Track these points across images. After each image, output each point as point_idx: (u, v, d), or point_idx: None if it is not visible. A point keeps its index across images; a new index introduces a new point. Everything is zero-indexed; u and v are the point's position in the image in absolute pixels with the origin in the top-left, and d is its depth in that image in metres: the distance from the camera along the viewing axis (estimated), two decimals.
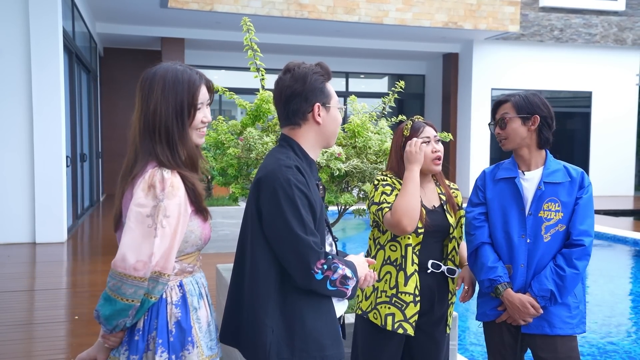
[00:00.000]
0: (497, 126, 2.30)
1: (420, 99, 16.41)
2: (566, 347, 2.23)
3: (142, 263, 1.49)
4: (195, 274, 1.69)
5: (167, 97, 1.60)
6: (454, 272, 2.29)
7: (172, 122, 1.59)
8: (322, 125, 1.76)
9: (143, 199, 1.51)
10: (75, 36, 8.95)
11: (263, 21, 11.26)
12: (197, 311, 1.64)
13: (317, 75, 1.75)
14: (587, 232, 2.22)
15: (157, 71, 1.63)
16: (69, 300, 4.96)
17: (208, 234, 1.68)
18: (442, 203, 2.32)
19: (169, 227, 1.52)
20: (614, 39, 14.52)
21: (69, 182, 8.03)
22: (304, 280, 1.62)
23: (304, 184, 1.65)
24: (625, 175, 15.04)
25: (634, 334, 4.83)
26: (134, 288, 1.49)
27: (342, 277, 1.66)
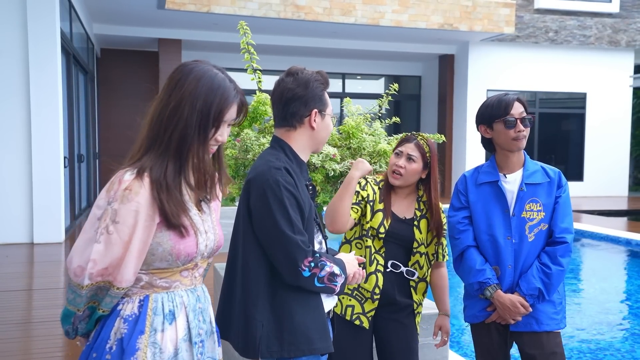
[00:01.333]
0: (520, 123, 2.26)
1: (416, 100, 16.48)
2: (552, 342, 2.28)
3: (81, 269, 1.35)
4: (175, 290, 1.46)
5: (194, 100, 1.43)
6: (413, 274, 2.34)
7: (192, 130, 1.42)
8: (316, 131, 1.84)
9: (101, 200, 1.38)
10: (73, 37, 8.99)
11: (260, 22, 11.31)
12: (157, 334, 1.41)
13: (318, 83, 1.83)
14: (568, 229, 2.29)
15: (194, 69, 1.47)
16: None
17: (185, 250, 1.43)
18: (413, 217, 2.36)
19: (117, 234, 1.34)
20: (608, 41, 14.62)
21: (66, 182, 8.07)
22: (291, 277, 1.70)
23: (292, 185, 1.72)
24: (619, 175, 15.13)
25: (625, 331, 4.90)
26: (74, 295, 1.38)
27: (330, 274, 1.73)
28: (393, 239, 2.33)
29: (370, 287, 2.30)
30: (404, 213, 2.37)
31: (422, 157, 2.32)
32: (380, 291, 2.31)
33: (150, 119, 1.46)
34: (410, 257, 2.36)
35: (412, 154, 2.31)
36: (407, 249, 2.35)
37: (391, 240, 2.33)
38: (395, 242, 2.34)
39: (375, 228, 2.31)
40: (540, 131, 14.73)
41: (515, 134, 2.26)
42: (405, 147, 2.33)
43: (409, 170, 2.30)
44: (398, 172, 2.31)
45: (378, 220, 2.31)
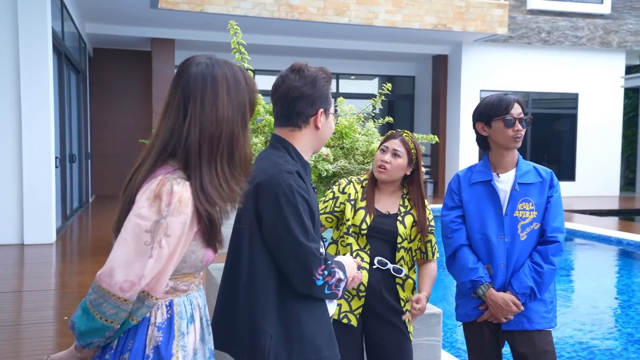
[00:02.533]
0: (519, 123, 2.30)
1: (410, 100, 16.51)
2: (543, 341, 2.30)
3: (130, 284, 1.29)
4: (191, 292, 1.48)
5: (233, 101, 1.40)
6: (401, 272, 2.32)
7: (239, 130, 1.41)
8: (320, 131, 1.76)
9: (146, 211, 1.30)
10: (65, 36, 8.93)
11: (253, 22, 11.29)
12: (185, 337, 1.43)
13: (324, 81, 1.75)
14: (559, 228, 2.31)
15: (215, 70, 1.40)
16: (58, 301, 4.96)
17: (211, 256, 1.47)
18: (397, 212, 2.36)
19: (168, 247, 1.31)
20: (599, 42, 14.70)
21: (57, 183, 8.01)
22: (304, 286, 1.64)
23: (305, 190, 1.65)
24: (611, 175, 15.22)
25: (616, 330, 4.92)
26: (116, 309, 1.30)
27: (337, 280, 1.69)
28: (377, 234, 2.33)
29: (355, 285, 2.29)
30: (387, 208, 2.38)
31: (407, 153, 2.34)
32: (365, 288, 2.30)
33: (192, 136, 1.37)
34: (395, 254, 2.35)
35: (398, 150, 2.33)
36: (393, 245, 2.35)
37: (375, 236, 2.33)
38: (380, 238, 2.34)
39: (358, 225, 2.32)
40: (533, 131, 14.79)
41: (514, 133, 2.29)
42: (390, 143, 2.35)
43: (394, 165, 2.32)
44: (383, 166, 2.33)
45: (360, 217, 2.33)
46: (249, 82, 1.46)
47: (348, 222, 2.34)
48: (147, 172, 1.38)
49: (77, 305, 4.30)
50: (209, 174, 1.37)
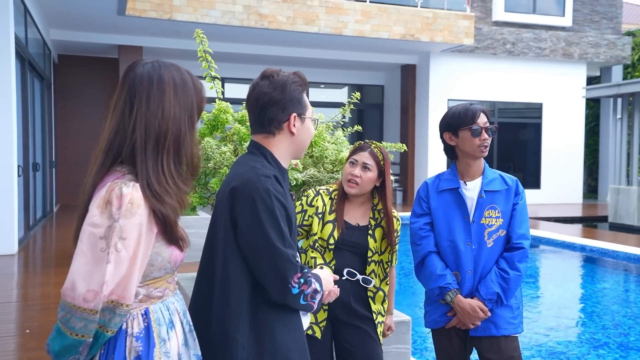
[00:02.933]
0: (485, 132, 2.33)
1: (379, 109, 16.67)
2: (509, 346, 2.34)
3: (93, 293, 1.27)
4: (167, 298, 1.46)
5: (180, 100, 1.42)
6: (370, 282, 2.32)
7: (185, 128, 1.42)
8: (296, 136, 1.73)
9: (97, 218, 1.30)
10: (28, 43, 8.73)
11: (223, 30, 11.25)
12: (166, 343, 1.41)
13: (295, 85, 1.73)
14: (525, 235, 2.36)
15: (161, 71, 1.42)
16: (20, 314, 4.81)
17: (180, 256, 1.46)
18: (368, 225, 2.35)
19: (126, 250, 1.30)
20: (562, 53, 15.14)
21: (20, 192, 7.79)
22: (279, 294, 1.59)
23: (283, 195, 1.62)
24: (574, 183, 15.63)
25: (581, 336, 5.03)
26: (84, 322, 1.29)
27: (314, 291, 1.64)
28: (346, 247, 2.32)
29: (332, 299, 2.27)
30: (357, 220, 2.36)
31: (376, 165, 2.31)
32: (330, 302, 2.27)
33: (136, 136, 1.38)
34: (365, 267, 2.34)
35: (368, 163, 2.30)
36: (363, 257, 2.34)
37: (345, 248, 2.32)
38: (349, 250, 2.32)
39: (325, 239, 2.29)
40: (499, 140, 15.09)
41: (480, 142, 2.33)
42: (359, 156, 2.33)
43: (364, 179, 2.30)
44: (354, 181, 2.30)
45: (328, 231, 2.30)
46: (196, 85, 1.48)
47: (315, 235, 2.31)
48: (96, 177, 1.39)
49: (40, 317, 4.16)
50: (155, 172, 1.37)
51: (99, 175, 1.39)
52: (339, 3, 11.94)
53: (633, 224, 11.27)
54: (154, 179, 1.36)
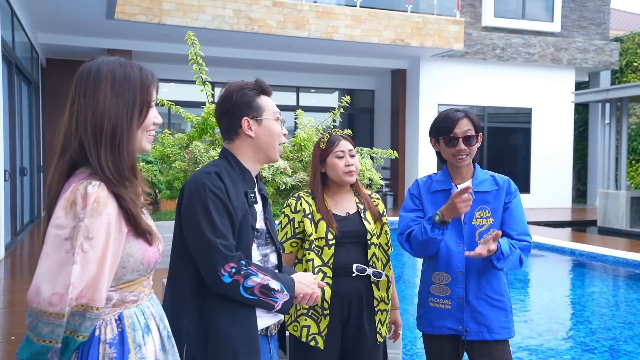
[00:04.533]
0: (461, 142, 2.29)
1: (369, 113, 16.70)
2: (500, 350, 2.32)
3: (59, 296, 1.23)
4: (142, 302, 1.44)
5: (119, 93, 1.38)
6: (380, 275, 2.31)
7: (122, 122, 1.37)
8: (255, 138, 1.84)
9: (62, 219, 1.26)
10: (15, 46, 8.65)
11: (213, 35, 11.22)
12: (142, 348, 1.38)
13: (245, 91, 1.84)
14: (526, 232, 2.35)
15: (101, 65, 1.41)
16: (6, 320, 4.74)
17: (153, 257, 1.42)
18: (358, 210, 2.37)
19: (93, 251, 1.26)
20: (551, 59, 15.26)
21: (7, 197, 7.70)
22: (211, 281, 1.67)
23: (221, 189, 1.72)
24: (563, 188, 15.73)
25: (570, 339, 5.04)
26: (51, 326, 1.24)
27: (263, 286, 1.68)
28: (346, 239, 2.30)
29: (318, 302, 2.22)
30: (346, 210, 2.36)
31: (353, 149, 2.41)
32: (329, 305, 2.25)
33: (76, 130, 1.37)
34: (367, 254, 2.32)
35: (351, 149, 2.37)
36: (363, 245, 2.32)
37: (345, 242, 2.29)
38: (349, 242, 2.30)
39: (323, 237, 2.27)
40: (489, 145, 15.17)
41: (456, 152, 2.30)
42: (341, 146, 2.35)
43: (357, 164, 2.37)
44: (352, 171, 2.33)
45: (323, 229, 2.28)
46: (144, 79, 1.43)
47: (311, 236, 2.28)
48: (54, 178, 1.37)
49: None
50: (99, 165, 1.34)
51: (58, 176, 1.36)
52: (329, 8, 11.96)
53: (622, 228, 11.35)
54: (107, 171, 1.33)
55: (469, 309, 2.30)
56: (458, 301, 2.32)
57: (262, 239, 1.87)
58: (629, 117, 14.48)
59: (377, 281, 2.32)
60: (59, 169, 1.37)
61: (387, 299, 2.37)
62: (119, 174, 1.34)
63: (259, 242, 1.86)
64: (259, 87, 1.87)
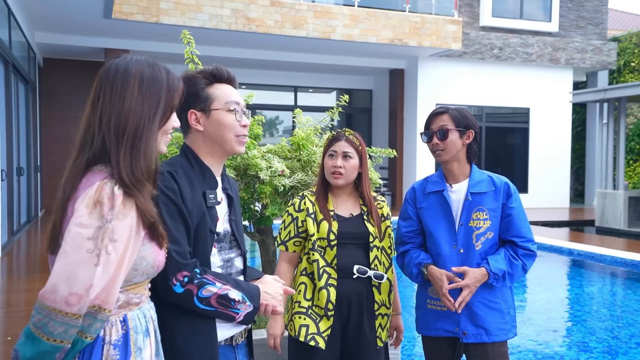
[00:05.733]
0: (434, 136, 2.33)
1: (367, 113, 16.68)
2: (496, 352, 2.30)
3: (77, 297, 1.20)
4: (143, 305, 1.43)
5: (145, 94, 1.36)
6: (382, 277, 2.28)
7: (145, 124, 1.35)
8: (205, 132, 1.69)
9: (86, 218, 1.23)
10: (12, 46, 8.61)
11: (211, 34, 11.20)
12: (142, 352, 1.37)
13: (195, 80, 1.70)
14: (531, 239, 2.33)
15: (129, 64, 1.38)
16: (3, 321, 4.71)
17: (162, 260, 1.42)
18: (361, 212, 2.33)
19: (115, 253, 1.24)
20: (548, 59, 15.26)
21: (3, 196, 7.67)
22: (162, 290, 1.55)
23: (173, 191, 1.58)
24: (561, 188, 15.74)
25: (569, 339, 5.04)
26: (65, 326, 1.21)
27: (220, 297, 1.56)
28: (348, 240, 2.27)
29: (323, 304, 2.20)
30: (349, 211, 2.33)
31: (356, 151, 2.32)
32: (334, 307, 2.21)
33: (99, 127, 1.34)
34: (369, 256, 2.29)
35: (347, 151, 2.29)
36: (365, 247, 2.30)
37: (347, 243, 2.26)
38: (351, 243, 2.27)
39: (325, 237, 2.24)
40: (487, 144, 15.17)
41: (431, 147, 2.35)
42: (337, 146, 2.30)
43: (348, 167, 2.28)
44: (338, 172, 2.27)
45: (325, 229, 2.25)
46: (171, 83, 1.41)
47: (313, 237, 2.26)
48: (72, 174, 1.34)
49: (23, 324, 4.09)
50: (118, 166, 1.31)
51: (76, 173, 1.34)
52: (327, 7, 11.94)
53: (619, 228, 11.36)
54: (124, 173, 1.30)
55: (465, 310, 2.28)
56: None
57: (225, 242, 1.74)
58: (626, 116, 14.48)
59: (379, 284, 2.29)
60: (76, 165, 1.34)
61: (389, 304, 2.34)
62: (134, 176, 1.31)
63: (222, 245, 1.73)
64: (211, 74, 1.71)
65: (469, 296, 2.21)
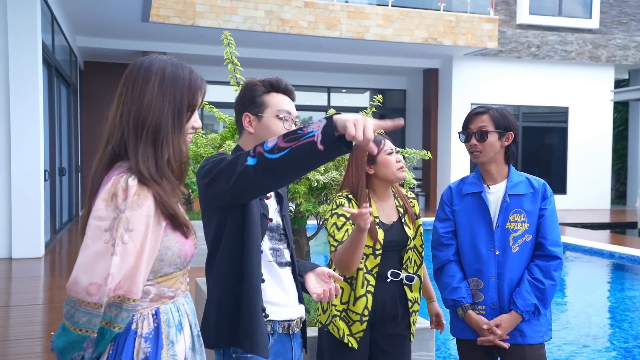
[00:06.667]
0: (473, 137, 2.29)
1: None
2: (534, 355, 2.26)
3: (97, 286, 1.24)
4: (178, 299, 1.44)
5: (166, 91, 1.37)
6: (413, 279, 2.30)
7: (167, 121, 1.37)
8: (255, 134, 1.84)
9: (103, 211, 1.28)
10: (55, 50, 8.90)
11: (245, 36, 11.32)
12: (174, 345, 1.38)
13: (254, 87, 1.86)
14: (558, 242, 2.28)
15: (153, 62, 1.40)
16: (46, 316, 4.88)
17: (189, 250, 1.43)
18: (400, 216, 2.32)
19: (132, 242, 1.27)
20: (588, 56, 14.87)
21: (47, 196, 7.93)
22: (239, 178, 1.53)
23: None
24: (601, 189, 15.31)
25: (610, 345, 4.90)
26: (88, 316, 1.25)
27: (284, 135, 1.43)
28: (389, 248, 2.27)
29: (360, 310, 2.22)
30: (389, 218, 2.32)
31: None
32: (369, 312, 2.24)
33: (120, 123, 1.38)
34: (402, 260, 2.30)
35: (394, 149, 2.33)
36: (402, 251, 2.31)
37: (388, 250, 2.27)
38: (391, 251, 2.28)
39: (371, 246, 2.22)
40: (523, 144, 14.87)
41: (469, 147, 2.30)
42: (389, 144, 2.31)
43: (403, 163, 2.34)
44: (403, 166, 2.31)
45: (374, 237, 2.23)
46: (193, 82, 1.42)
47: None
48: (97, 169, 1.39)
49: None
50: (135, 159, 1.34)
51: (102, 168, 1.38)
52: (360, 7, 11.92)
53: None
54: (143, 166, 1.33)
55: (502, 313, 2.25)
56: (492, 306, 2.27)
57: (276, 233, 1.86)
58: None
59: (410, 284, 2.32)
60: (102, 159, 1.39)
61: (419, 300, 2.37)
62: (155, 171, 1.34)
63: (273, 235, 1.85)
64: (269, 84, 1.86)
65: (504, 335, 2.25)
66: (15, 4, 6.98)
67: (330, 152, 1.36)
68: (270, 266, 1.83)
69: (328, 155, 1.37)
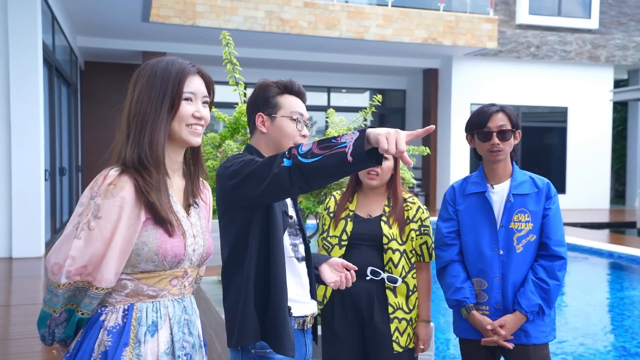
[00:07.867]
0: (494, 136, 2.24)
1: (401, 113, 16.59)
2: (538, 355, 2.25)
3: (58, 266, 1.29)
4: (161, 300, 1.40)
5: (152, 84, 1.41)
6: (396, 281, 2.25)
7: (150, 112, 1.39)
8: (267, 134, 1.88)
9: (84, 198, 1.34)
10: (56, 50, 8.91)
11: (245, 36, 11.34)
12: (141, 345, 1.34)
13: (268, 88, 1.89)
14: (562, 242, 2.27)
15: (153, 62, 1.47)
16: None
17: (172, 250, 1.37)
18: (382, 214, 2.31)
19: (99, 230, 1.29)
20: (588, 56, 14.88)
21: (47, 196, 7.94)
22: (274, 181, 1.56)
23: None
24: (601, 188, 15.32)
25: (609, 344, 4.91)
26: (50, 295, 1.32)
27: (319, 142, 1.47)
28: (362, 242, 2.27)
29: (319, 297, 2.28)
30: (369, 212, 2.33)
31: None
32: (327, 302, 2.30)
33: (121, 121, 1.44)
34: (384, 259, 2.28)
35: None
36: (381, 250, 2.28)
37: (361, 244, 2.27)
38: (365, 245, 2.27)
39: (338, 236, 2.27)
40: (523, 144, 14.88)
41: (490, 147, 2.25)
42: None
43: (384, 169, 2.29)
44: (374, 172, 2.27)
45: (340, 228, 2.28)
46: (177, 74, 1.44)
47: (324, 233, 2.32)
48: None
49: None
50: (125, 151, 1.39)
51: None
52: (360, 7, 11.94)
53: None
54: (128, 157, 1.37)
55: (506, 313, 2.25)
56: (496, 306, 2.26)
57: (293, 229, 1.89)
58: None
59: (393, 287, 2.26)
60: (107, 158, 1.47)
61: (407, 308, 2.30)
62: (137, 159, 1.36)
63: (291, 231, 1.88)
64: (282, 86, 1.89)
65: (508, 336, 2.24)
66: (16, 4, 6.99)
67: (358, 165, 1.41)
68: (291, 262, 1.85)
69: (356, 167, 1.42)
